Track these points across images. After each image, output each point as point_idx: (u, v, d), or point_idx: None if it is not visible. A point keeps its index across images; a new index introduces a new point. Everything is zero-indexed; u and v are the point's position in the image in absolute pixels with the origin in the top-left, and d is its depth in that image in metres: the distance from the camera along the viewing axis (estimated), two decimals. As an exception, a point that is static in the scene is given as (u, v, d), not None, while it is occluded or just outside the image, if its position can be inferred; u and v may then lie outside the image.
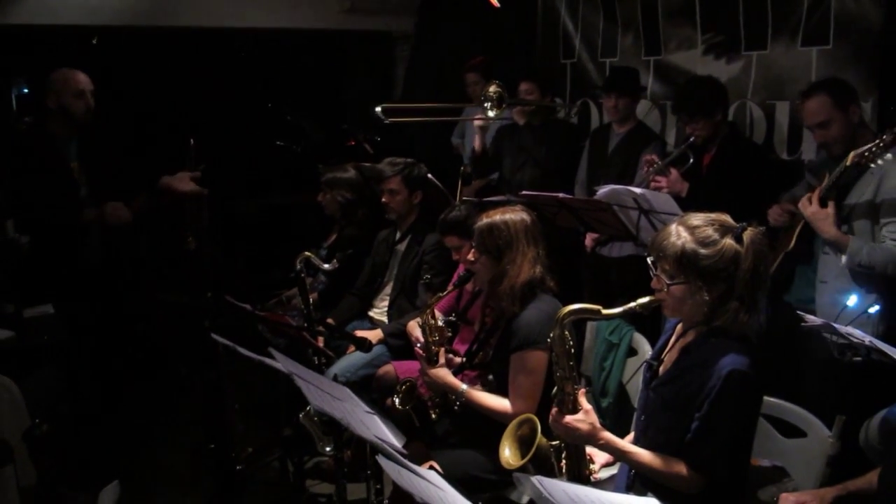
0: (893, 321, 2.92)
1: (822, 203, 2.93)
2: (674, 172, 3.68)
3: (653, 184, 3.71)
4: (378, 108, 4.09)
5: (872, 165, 2.79)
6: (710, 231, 2.03)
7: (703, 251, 2.01)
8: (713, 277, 2.02)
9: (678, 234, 2.05)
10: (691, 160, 3.71)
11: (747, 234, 2.04)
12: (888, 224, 2.89)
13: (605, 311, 2.10)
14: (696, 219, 2.08)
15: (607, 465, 2.48)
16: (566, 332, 2.15)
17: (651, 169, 3.77)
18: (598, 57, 5.06)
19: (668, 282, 2.06)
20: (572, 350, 2.18)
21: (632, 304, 2.11)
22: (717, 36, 4.24)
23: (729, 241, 2.02)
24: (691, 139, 3.70)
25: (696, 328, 2.14)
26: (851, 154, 2.84)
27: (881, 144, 2.73)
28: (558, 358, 2.16)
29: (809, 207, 2.95)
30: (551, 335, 2.16)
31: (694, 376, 2.06)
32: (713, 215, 2.08)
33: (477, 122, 4.67)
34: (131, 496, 2.69)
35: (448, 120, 5.27)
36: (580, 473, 2.28)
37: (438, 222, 3.49)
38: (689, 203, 3.48)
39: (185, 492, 3.69)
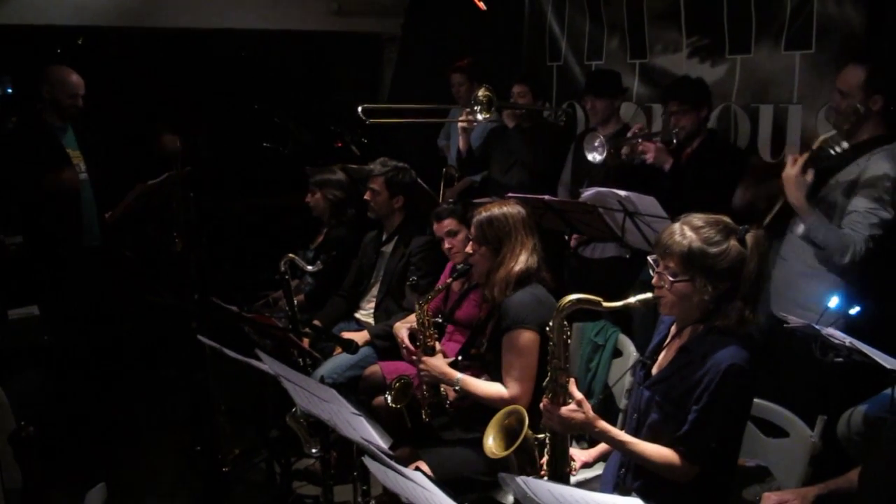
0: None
1: (805, 169, 2.96)
2: (660, 144, 3.74)
3: (640, 147, 3.76)
4: (359, 109, 4.11)
5: (832, 151, 2.88)
6: (714, 231, 2.08)
7: (710, 250, 2.06)
8: (718, 276, 2.07)
9: (683, 234, 2.09)
10: (675, 142, 3.76)
11: (750, 236, 2.09)
12: (852, 213, 2.95)
13: (605, 304, 2.14)
14: (699, 219, 2.12)
15: (587, 465, 2.49)
16: (565, 322, 2.18)
17: (638, 132, 3.84)
18: (585, 60, 5.07)
19: (671, 279, 2.09)
20: (569, 341, 2.21)
21: (631, 300, 2.16)
22: (702, 39, 4.26)
23: (734, 243, 2.08)
24: (675, 130, 3.76)
25: (693, 326, 2.18)
26: (819, 138, 2.95)
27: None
28: (556, 347, 2.19)
29: (790, 168, 2.97)
30: (551, 323, 2.19)
31: (691, 372, 2.09)
32: (714, 217, 2.13)
33: (461, 124, 4.68)
34: (118, 498, 2.68)
35: (430, 122, 5.27)
36: (561, 471, 2.29)
37: (434, 212, 3.53)
38: (664, 194, 3.53)
39: (171, 493, 3.68)
